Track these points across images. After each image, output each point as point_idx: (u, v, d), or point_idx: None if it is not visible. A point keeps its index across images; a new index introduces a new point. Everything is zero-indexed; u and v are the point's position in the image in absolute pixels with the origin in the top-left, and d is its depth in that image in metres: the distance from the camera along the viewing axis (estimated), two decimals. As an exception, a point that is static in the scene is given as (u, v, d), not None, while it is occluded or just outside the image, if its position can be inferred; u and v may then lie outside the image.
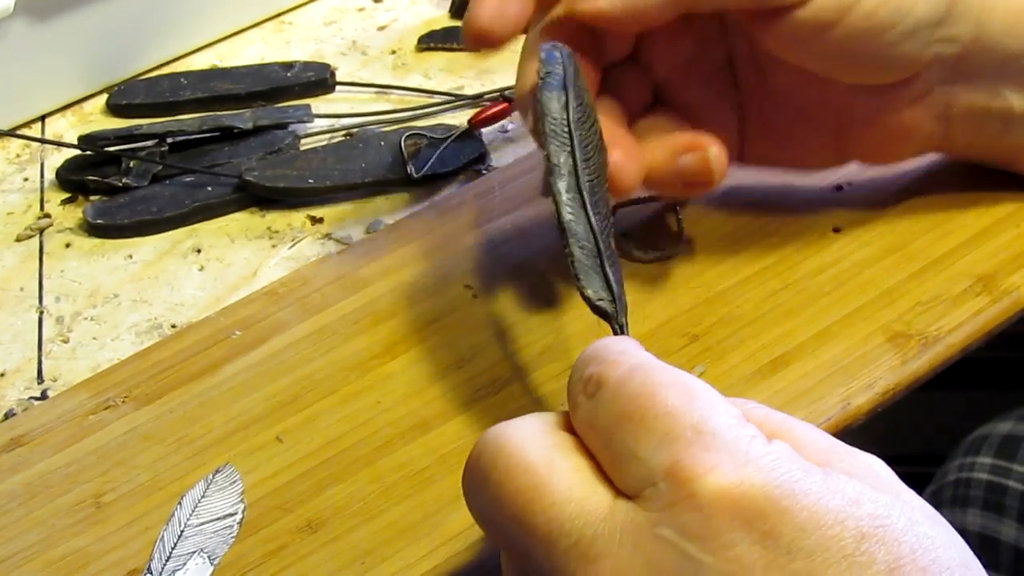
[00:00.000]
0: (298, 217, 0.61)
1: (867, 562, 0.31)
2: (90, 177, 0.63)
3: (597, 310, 0.43)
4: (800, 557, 0.31)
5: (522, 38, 0.51)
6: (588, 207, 0.44)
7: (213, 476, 0.47)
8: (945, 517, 0.86)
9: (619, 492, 0.33)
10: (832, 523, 0.31)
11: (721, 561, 0.31)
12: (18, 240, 0.61)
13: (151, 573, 0.44)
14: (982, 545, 0.76)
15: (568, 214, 0.43)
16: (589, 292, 0.43)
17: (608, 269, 0.43)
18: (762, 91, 0.53)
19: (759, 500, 0.31)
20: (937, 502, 0.80)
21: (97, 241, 0.61)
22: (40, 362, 0.55)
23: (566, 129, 0.44)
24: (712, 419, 0.33)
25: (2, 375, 0.54)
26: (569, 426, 0.36)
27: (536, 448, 0.35)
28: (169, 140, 0.63)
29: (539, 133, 0.44)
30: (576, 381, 0.36)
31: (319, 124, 0.66)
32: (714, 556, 0.31)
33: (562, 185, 0.44)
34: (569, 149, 0.44)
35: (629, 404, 0.34)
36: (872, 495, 0.32)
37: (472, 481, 0.36)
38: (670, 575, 0.31)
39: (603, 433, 0.34)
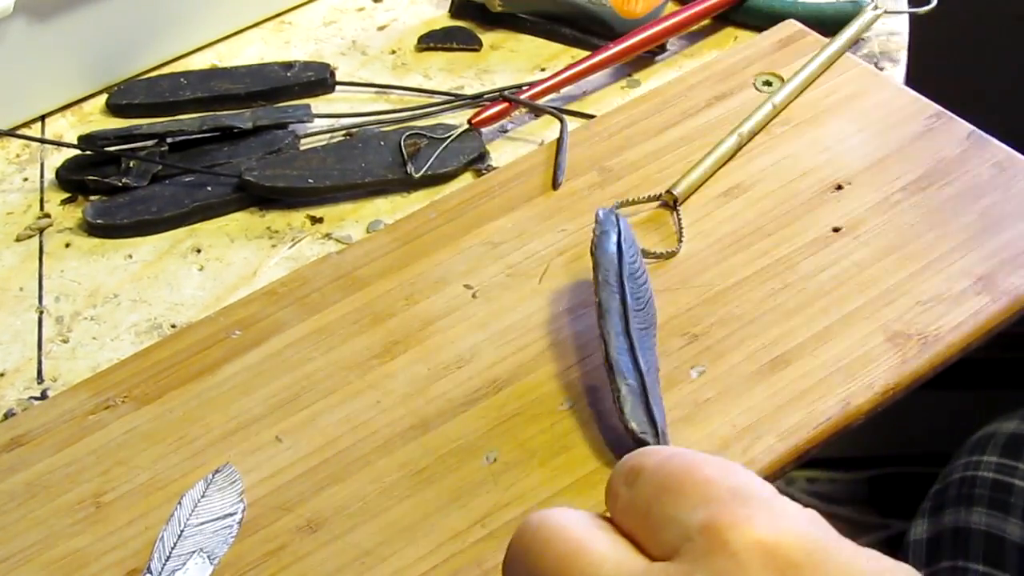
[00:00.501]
0: (298, 217, 0.61)
1: None
2: (90, 177, 0.63)
3: (639, 442, 0.46)
4: None
5: (524, 37, 0.51)
6: (636, 349, 0.48)
7: (213, 476, 0.47)
8: (951, 516, 0.86)
9: (656, 559, 0.34)
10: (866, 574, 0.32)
11: None
12: (18, 240, 0.61)
13: (151, 573, 0.44)
14: (987, 543, 0.75)
15: (616, 352, 0.48)
16: (632, 425, 0.47)
17: (652, 406, 0.47)
18: None
19: (793, 551, 0.32)
20: (942, 501, 0.80)
21: (97, 241, 0.61)
22: (40, 362, 0.55)
23: (618, 279, 0.50)
24: (750, 485, 0.34)
25: (2, 375, 0.54)
26: (610, 521, 0.37)
27: (577, 524, 0.35)
28: (169, 140, 0.63)
29: (595, 281, 0.50)
30: (615, 477, 0.37)
31: (319, 124, 0.66)
32: None
33: (611, 327, 0.48)
34: (619, 296, 0.49)
35: (668, 478, 0.35)
36: (906, 567, 0.32)
37: (513, 557, 0.36)
38: None
39: (642, 509, 0.35)
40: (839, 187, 0.58)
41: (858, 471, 1.28)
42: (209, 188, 0.62)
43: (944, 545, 0.78)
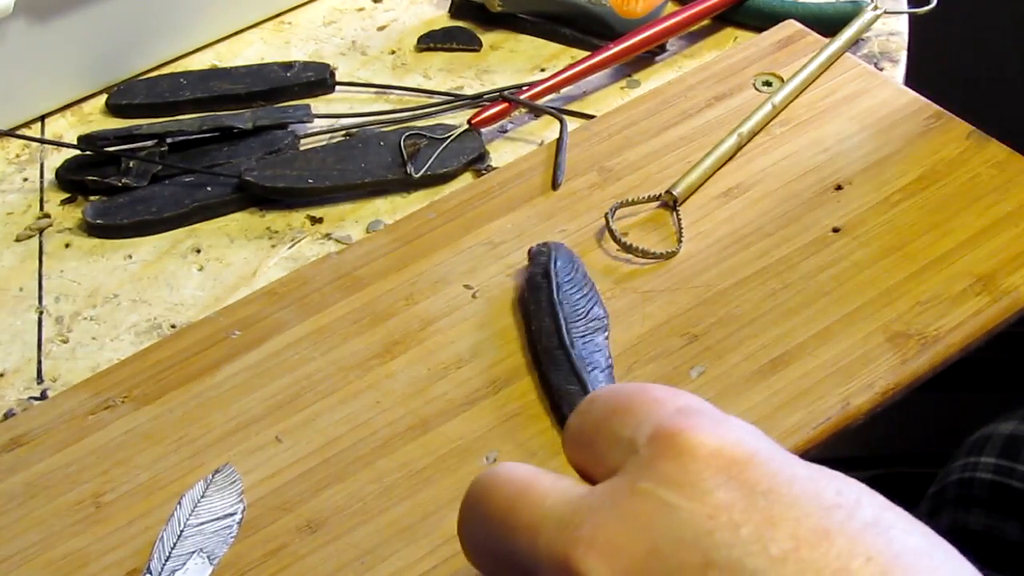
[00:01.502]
0: (297, 217, 0.61)
1: (848, 513, 0.30)
2: (90, 177, 0.63)
3: None
4: (779, 504, 0.30)
5: (523, 37, 0.50)
6: (574, 359, 0.50)
7: (212, 476, 0.47)
8: (949, 517, 0.86)
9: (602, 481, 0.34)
10: (811, 478, 0.31)
11: (698, 505, 0.30)
12: (18, 240, 0.61)
13: (150, 573, 0.44)
14: (986, 545, 0.75)
15: (551, 371, 0.50)
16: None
17: None
18: None
19: (739, 453, 0.32)
20: (940, 502, 0.80)
21: (97, 241, 0.60)
22: (40, 362, 0.55)
23: (548, 302, 0.52)
24: (699, 403, 0.34)
25: (2, 375, 0.54)
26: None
27: (523, 469, 0.36)
28: (169, 140, 0.63)
29: (526, 312, 0.53)
30: (572, 417, 0.37)
31: (319, 124, 0.66)
32: (691, 501, 0.31)
33: (545, 345, 0.51)
34: (551, 317, 0.51)
35: (617, 401, 0.35)
36: (840, 475, 0.32)
37: (464, 511, 0.36)
38: (647, 523, 0.31)
39: (590, 434, 0.35)
40: (839, 187, 0.58)
41: (858, 471, 1.28)
42: (209, 188, 0.62)
43: None
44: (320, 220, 0.61)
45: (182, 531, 0.45)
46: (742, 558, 0.29)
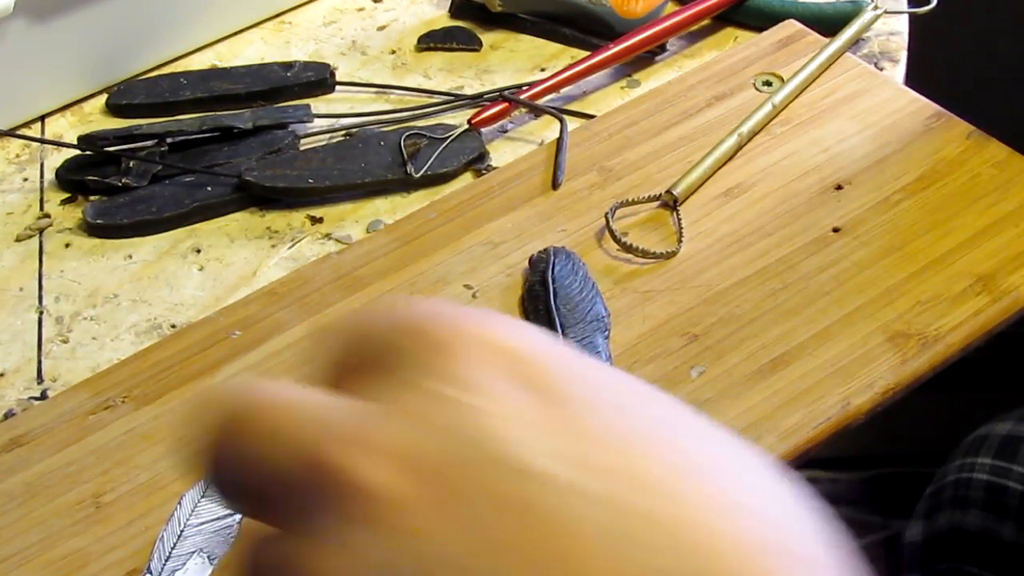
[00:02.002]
0: (298, 217, 0.61)
1: (646, 407, 0.28)
2: (90, 177, 0.63)
3: None
4: (570, 404, 0.27)
5: (524, 37, 0.50)
6: None
7: (213, 476, 0.47)
8: (946, 517, 0.86)
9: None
10: (601, 374, 0.29)
11: (494, 407, 0.27)
12: (18, 240, 0.61)
13: (150, 573, 0.44)
14: (982, 545, 0.75)
15: None
16: None
17: None
18: None
19: (523, 350, 0.28)
20: (937, 502, 0.80)
21: (97, 241, 0.60)
22: (40, 362, 0.55)
23: (546, 308, 0.52)
24: (448, 306, 0.29)
25: (2, 375, 0.54)
26: None
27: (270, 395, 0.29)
28: (169, 140, 0.63)
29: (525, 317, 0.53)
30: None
31: (319, 124, 0.66)
32: (488, 401, 0.27)
33: None
34: (547, 323, 0.52)
35: (360, 316, 0.31)
36: (619, 371, 0.29)
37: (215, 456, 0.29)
38: (442, 427, 0.27)
39: (339, 354, 0.30)
40: (839, 187, 0.58)
41: (858, 471, 1.28)
42: (209, 188, 0.62)
43: (939, 547, 0.78)
44: (320, 220, 0.61)
45: (182, 531, 0.45)
46: (533, 458, 0.26)
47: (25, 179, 0.65)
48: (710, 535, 0.26)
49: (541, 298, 0.52)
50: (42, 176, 0.65)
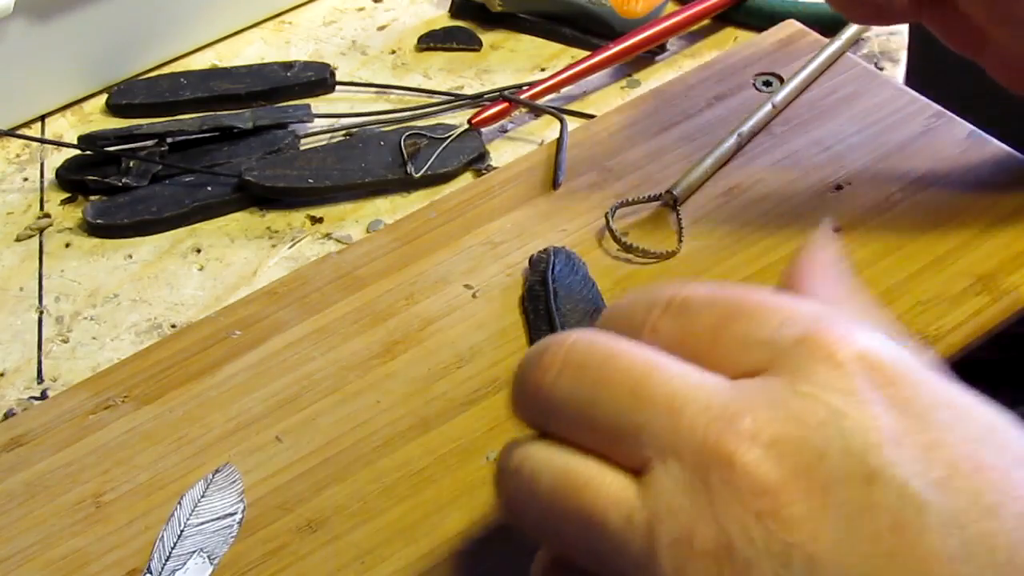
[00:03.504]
0: (298, 217, 0.61)
1: (999, 447, 0.30)
2: (90, 177, 0.63)
3: None
4: (935, 428, 0.30)
5: (524, 37, 0.51)
6: None
7: (213, 476, 0.47)
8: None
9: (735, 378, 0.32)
10: (963, 405, 0.31)
11: (864, 416, 0.30)
12: (18, 240, 0.61)
13: (151, 573, 0.44)
14: None
15: None
16: None
17: None
18: None
19: (895, 368, 0.31)
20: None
21: (97, 241, 0.61)
22: (40, 362, 0.55)
23: (545, 309, 0.52)
24: (833, 312, 0.33)
25: (2, 375, 0.54)
26: None
27: (630, 343, 0.33)
28: (169, 140, 0.63)
29: (527, 320, 0.53)
30: (643, 310, 0.34)
31: (319, 124, 0.66)
32: (858, 410, 0.30)
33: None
34: (548, 327, 0.51)
35: (734, 306, 0.33)
36: (991, 409, 0.32)
37: (563, 370, 0.33)
38: (815, 426, 0.30)
39: (706, 336, 0.33)
40: (839, 187, 0.58)
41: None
42: (209, 188, 0.62)
43: None
44: (320, 220, 0.61)
45: (182, 531, 0.45)
46: (906, 477, 0.29)
47: (25, 179, 0.65)
48: None
49: (541, 298, 0.52)
50: (42, 176, 0.65)
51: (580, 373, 0.33)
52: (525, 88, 0.66)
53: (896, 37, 0.71)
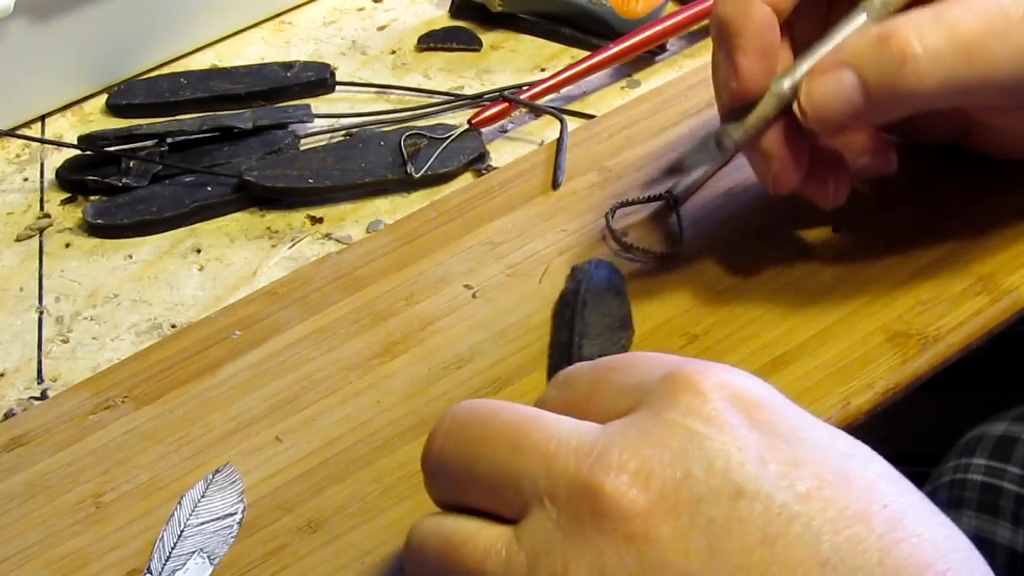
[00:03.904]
0: (298, 217, 0.61)
1: (863, 464, 0.32)
2: (90, 177, 0.63)
3: None
4: (800, 446, 0.32)
5: (524, 37, 0.51)
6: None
7: (213, 476, 0.47)
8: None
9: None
10: (824, 428, 0.33)
11: (725, 437, 0.32)
12: (18, 240, 0.61)
13: (151, 573, 0.44)
14: (978, 547, 0.75)
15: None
16: None
17: None
18: None
19: (756, 395, 0.33)
20: (933, 503, 0.80)
21: (97, 241, 0.61)
22: (40, 362, 0.55)
23: (569, 319, 0.52)
24: (701, 360, 0.36)
25: (2, 375, 0.54)
26: None
27: (514, 404, 0.36)
28: (169, 140, 0.63)
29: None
30: (539, 399, 0.38)
31: (319, 124, 0.66)
32: (720, 433, 0.32)
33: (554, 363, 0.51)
34: (568, 334, 0.51)
35: (610, 362, 0.36)
36: (847, 436, 0.35)
37: (448, 435, 0.36)
38: (678, 449, 0.32)
39: (584, 394, 0.36)
40: (839, 187, 0.58)
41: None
42: (209, 188, 0.62)
43: None
44: (320, 220, 0.61)
45: (182, 531, 0.45)
46: (772, 491, 0.31)
47: (25, 179, 0.65)
48: (898, 555, 0.30)
49: (569, 306, 0.52)
50: (42, 176, 0.65)
51: (464, 433, 0.35)
52: (525, 88, 0.66)
53: (896, 37, 0.70)
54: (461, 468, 0.35)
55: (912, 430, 1.10)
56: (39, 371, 0.54)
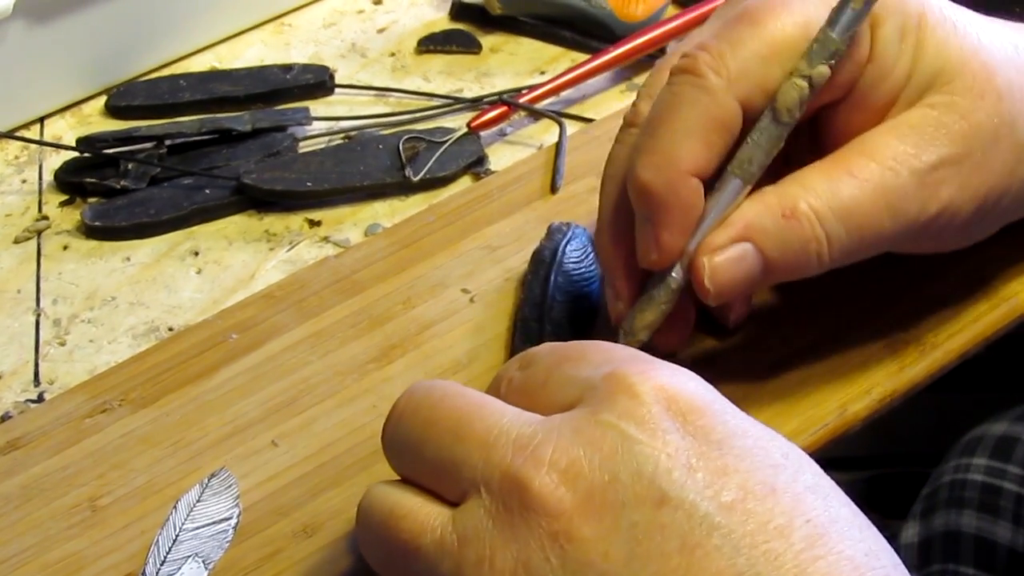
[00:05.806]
0: (296, 220, 0.61)
1: (792, 475, 0.33)
2: (88, 179, 0.63)
3: None
4: (730, 455, 0.33)
5: (523, 40, 0.50)
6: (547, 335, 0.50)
7: (209, 480, 0.47)
8: (941, 519, 0.86)
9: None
10: (759, 436, 0.34)
11: (656, 442, 0.32)
12: (16, 242, 0.61)
13: (146, 577, 0.44)
14: (977, 547, 0.75)
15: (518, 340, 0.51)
16: None
17: None
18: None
19: (693, 400, 0.34)
20: (933, 504, 0.80)
21: (95, 243, 0.60)
22: (37, 365, 0.55)
23: (544, 275, 0.52)
24: (648, 354, 0.36)
25: (-1, 377, 0.54)
26: None
27: (467, 389, 0.37)
28: (167, 142, 0.63)
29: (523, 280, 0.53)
30: (505, 369, 0.39)
31: (318, 127, 0.66)
32: (651, 439, 0.32)
33: (523, 315, 0.51)
34: (541, 288, 0.52)
35: (568, 352, 0.37)
36: (781, 438, 0.35)
37: (402, 415, 0.37)
38: (608, 452, 0.32)
39: (540, 380, 0.37)
40: (838, 192, 0.58)
41: (856, 471, 1.28)
42: (207, 191, 0.62)
43: (935, 548, 0.78)
44: (318, 223, 0.61)
45: (178, 535, 0.45)
46: (696, 500, 0.31)
47: (23, 181, 0.65)
48: (814, 572, 0.31)
49: (544, 264, 0.52)
50: (40, 178, 0.65)
51: (415, 415, 0.37)
52: (524, 91, 0.66)
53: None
54: (410, 449, 0.37)
55: (912, 430, 1.10)
56: (36, 374, 0.54)
